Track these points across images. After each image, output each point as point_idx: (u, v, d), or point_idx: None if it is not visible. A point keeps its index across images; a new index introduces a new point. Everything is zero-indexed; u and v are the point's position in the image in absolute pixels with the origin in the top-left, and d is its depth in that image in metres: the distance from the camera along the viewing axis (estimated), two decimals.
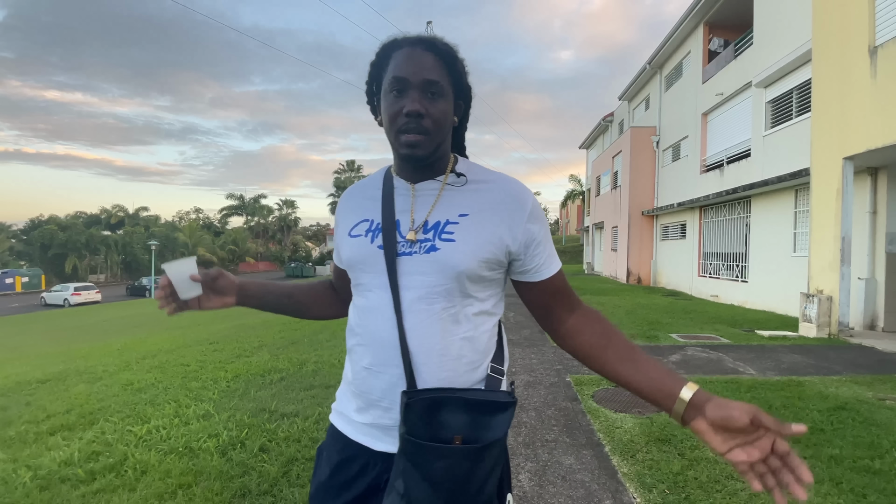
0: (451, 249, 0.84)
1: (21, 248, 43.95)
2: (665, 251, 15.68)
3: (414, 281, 0.85)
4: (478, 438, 0.77)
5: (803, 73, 8.71)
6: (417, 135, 0.84)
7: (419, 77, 0.83)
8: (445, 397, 0.79)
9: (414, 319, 0.84)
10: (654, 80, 17.08)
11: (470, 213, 0.87)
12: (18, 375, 5.34)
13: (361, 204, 0.97)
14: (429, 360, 0.84)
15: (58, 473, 2.54)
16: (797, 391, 3.89)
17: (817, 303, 6.47)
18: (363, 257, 0.90)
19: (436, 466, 0.75)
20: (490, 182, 0.91)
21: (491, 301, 0.91)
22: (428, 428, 0.77)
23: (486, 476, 0.77)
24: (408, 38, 0.87)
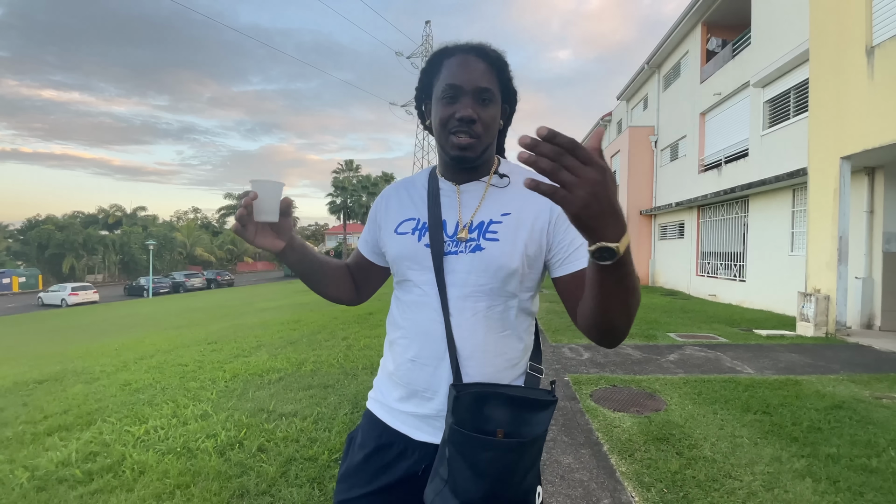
0: (495, 248, 0.88)
1: (18, 247, 43.75)
2: (663, 251, 15.71)
3: (460, 279, 0.89)
4: (519, 433, 0.81)
5: (801, 72, 8.73)
6: (469, 138, 0.88)
7: (472, 84, 0.87)
8: (490, 392, 0.83)
9: (459, 316, 0.89)
10: (652, 79, 17.10)
11: (512, 212, 0.91)
12: (15, 376, 5.33)
13: (407, 202, 1.01)
14: (473, 355, 0.88)
15: (55, 474, 2.53)
16: (794, 390, 3.90)
17: (815, 302, 6.49)
18: (410, 254, 0.94)
19: (481, 457, 0.79)
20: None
21: (531, 300, 0.95)
22: (474, 421, 0.81)
23: (527, 469, 0.82)
24: (460, 46, 0.91)
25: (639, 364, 4.91)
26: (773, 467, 2.57)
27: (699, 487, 2.38)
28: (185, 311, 15.62)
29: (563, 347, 5.74)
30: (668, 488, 2.38)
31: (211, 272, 38.28)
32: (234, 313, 12.65)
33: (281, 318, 9.16)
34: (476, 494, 0.80)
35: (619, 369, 4.70)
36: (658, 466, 2.61)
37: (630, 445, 2.89)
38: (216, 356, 5.51)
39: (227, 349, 5.95)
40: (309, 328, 7.28)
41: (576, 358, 5.21)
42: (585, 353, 5.46)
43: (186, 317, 13.45)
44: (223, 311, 14.29)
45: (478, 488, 0.79)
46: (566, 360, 5.09)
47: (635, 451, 2.81)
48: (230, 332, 7.80)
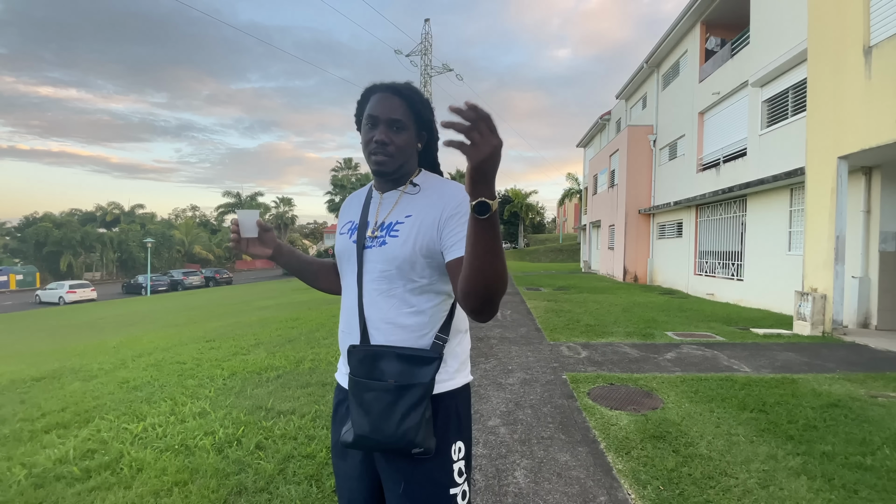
0: (395, 242, 1.10)
1: (15, 245, 43.59)
2: (661, 250, 15.73)
3: (370, 267, 1.13)
4: (406, 382, 1.02)
5: (799, 72, 8.74)
6: (383, 156, 1.12)
7: (386, 115, 1.12)
8: (382, 350, 1.07)
9: (368, 297, 1.12)
10: (651, 78, 17.10)
11: (413, 214, 1.12)
12: (13, 373, 5.32)
13: (350, 208, 1.29)
14: (379, 326, 1.10)
15: (53, 471, 2.53)
16: (791, 388, 3.92)
17: (811, 301, 6.51)
18: (344, 249, 1.20)
19: (365, 397, 1.03)
20: (436, 187, 1.16)
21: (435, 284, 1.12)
22: (367, 372, 1.06)
23: (407, 409, 1.00)
24: (382, 85, 1.15)
25: (636, 362, 4.92)
26: (769, 465, 2.59)
27: (695, 485, 2.40)
28: (183, 309, 15.60)
29: (560, 346, 5.75)
30: (664, 486, 2.40)
31: (209, 270, 38.22)
32: (232, 311, 12.63)
33: (279, 316, 9.15)
34: (364, 427, 1.02)
35: (617, 367, 4.71)
36: (654, 464, 2.62)
37: (627, 443, 2.90)
38: (214, 354, 5.51)
39: (225, 347, 5.94)
40: (307, 326, 7.28)
41: (573, 356, 5.22)
42: (583, 351, 5.47)
43: (184, 315, 13.43)
44: (221, 309, 14.27)
45: (364, 423, 1.02)
46: (564, 359, 5.10)
47: (632, 449, 2.82)
48: (228, 329, 7.80)
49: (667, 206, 14.34)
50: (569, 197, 45.65)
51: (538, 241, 50.59)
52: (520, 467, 2.64)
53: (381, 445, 1.03)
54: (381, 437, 1.01)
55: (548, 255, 37.75)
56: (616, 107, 22.34)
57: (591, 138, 28.28)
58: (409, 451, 1.02)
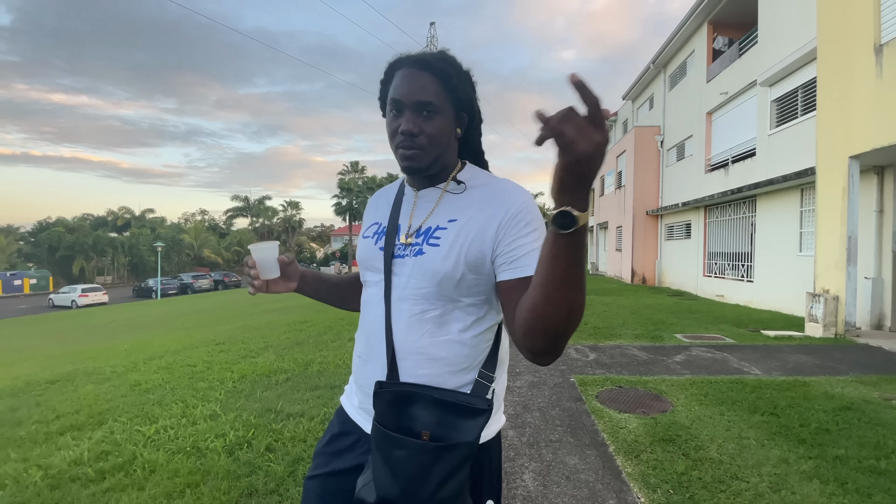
0: (434, 253, 0.89)
1: (29, 249, 44.35)
2: (670, 251, 15.63)
3: (402, 281, 0.92)
4: (445, 437, 0.81)
5: (808, 71, 8.67)
6: (412, 150, 0.90)
7: (412, 98, 0.89)
8: (416, 392, 0.85)
9: (397, 317, 0.91)
10: (657, 79, 17.03)
11: (459, 219, 0.91)
12: (27, 376, 5.40)
13: (378, 208, 1.07)
14: (408, 357, 0.89)
15: (68, 473, 2.57)
16: (803, 391, 3.88)
17: (823, 302, 6.43)
18: (368, 256, 1.00)
19: (394, 454, 0.81)
20: (485, 186, 0.95)
21: (481, 308, 0.91)
22: (397, 418, 0.84)
23: (447, 475, 0.79)
24: (407, 58, 0.92)
25: (645, 365, 4.90)
26: (781, 469, 2.56)
27: (705, 489, 2.38)
28: (192, 313, 15.76)
29: (568, 348, 5.74)
30: (674, 489, 2.38)
31: (218, 273, 38.60)
32: (241, 314, 12.74)
33: (287, 320, 9.21)
34: (392, 491, 0.80)
35: (625, 370, 4.69)
36: (664, 467, 2.61)
37: (636, 446, 2.89)
38: (224, 357, 5.56)
39: (234, 350, 6.00)
40: (315, 329, 7.32)
41: (581, 359, 5.20)
42: (591, 353, 5.45)
43: (194, 318, 13.56)
44: (230, 312, 14.40)
45: (392, 486, 0.80)
46: (572, 361, 5.08)
47: (641, 452, 2.81)
48: (237, 333, 7.86)
49: (675, 207, 14.25)
50: None
51: None
52: (528, 470, 2.64)
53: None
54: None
55: None
56: (623, 108, 22.27)
57: None
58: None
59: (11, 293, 35.42)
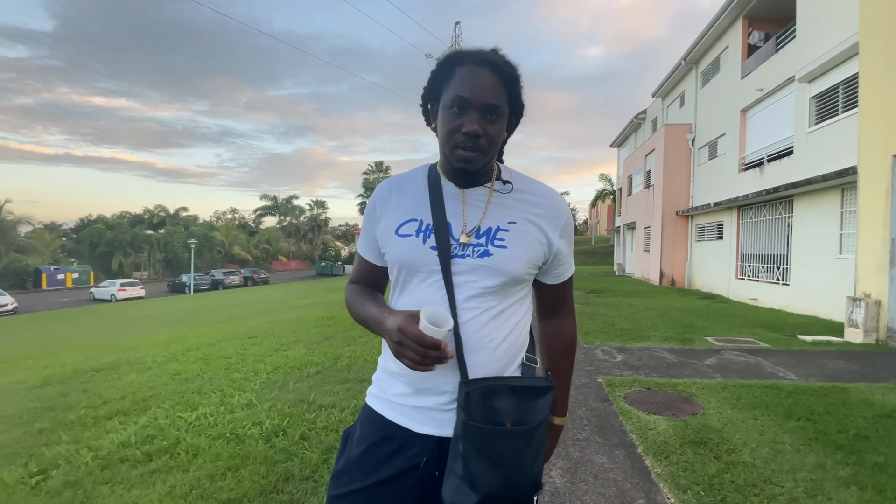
0: (503, 255, 0.93)
1: (71, 246, 46.52)
2: (700, 252, 15.23)
3: (466, 281, 0.92)
4: (526, 420, 0.89)
5: (850, 67, 8.31)
6: (473, 152, 0.89)
7: (481, 100, 0.88)
8: (496, 385, 0.89)
9: (466, 316, 0.92)
10: (689, 76, 16.60)
11: (518, 222, 0.96)
12: (74, 364, 5.71)
13: (405, 202, 1.00)
14: (479, 353, 0.92)
15: (116, 454, 2.73)
16: (841, 397, 3.75)
17: (864, 307, 6.18)
18: (415, 257, 0.94)
19: (496, 448, 0.85)
20: (534, 193, 1.01)
21: (527, 299, 1.02)
22: (484, 414, 0.86)
23: (536, 453, 0.90)
24: (474, 55, 0.91)
25: (674, 367, 4.82)
26: (817, 474, 2.51)
27: (738, 492, 2.35)
28: (224, 308, 16.27)
29: (595, 349, 5.69)
30: (705, 491, 2.36)
31: (247, 270, 39.64)
32: (270, 310, 13.08)
33: (315, 315, 9.42)
34: (495, 484, 0.85)
35: (654, 372, 4.63)
36: (695, 469, 2.58)
37: (665, 448, 2.87)
38: (257, 349, 5.75)
39: (266, 343, 6.19)
40: (343, 325, 7.47)
41: (609, 360, 5.16)
42: (619, 355, 5.40)
43: (226, 312, 14.00)
44: (260, 307, 14.79)
45: (496, 478, 0.85)
46: (599, 362, 5.05)
47: (671, 454, 2.78)
48: (268, 327, 8.10)
49: (706, 208, 13.88)
50: (601, 198, 44.75)
51: None
52: (555, 467, 2.66)
53: (509, 500, 0.88)
54: (513, 492, 0.87)
55: (579, 258, 37.12)
56: (652, 105, 21.80)
57: (625, 138, 27.68)
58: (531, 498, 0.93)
59: (55, 287, 37.26)
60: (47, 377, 4.96)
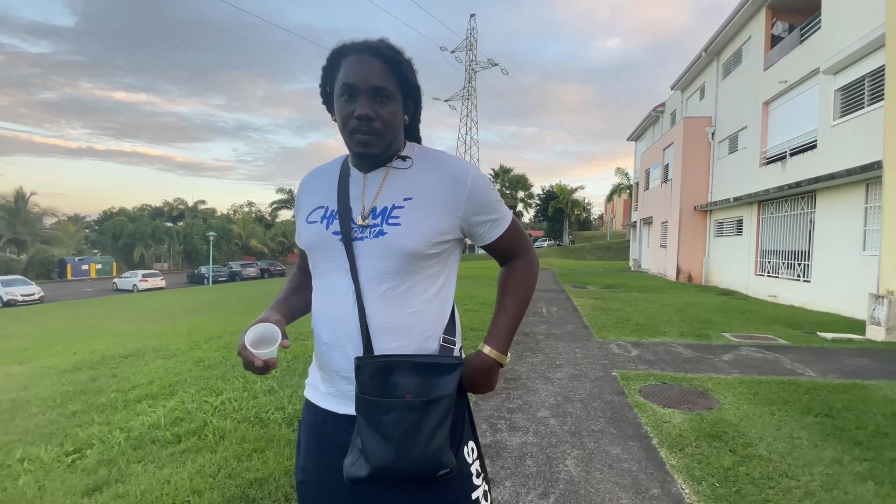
0: (397, 232, 0.93)
1: (94, 237, 47.82)
2: (719, 248, 15.00)
3: (366, 263, 0.94)
4: (427, 396, 0.88)
5: (877, 58, 8.07)
6: (368, 135, 0.92)
7: (367, 84, 0.91)
8: (395, 361, 0.90)
9: (368, 298, 0.93)
10: (710, 67, 16.28)
11: (414, 197, 0.96)
12: (102, 351, 5.92)
13: (317, 190, 1.05)
14: (381, 333, 0.93)
15: (147, 435, 2.85)
16: (861, 394, 3.72)
17: (887, 305, 6.06)
18: (320, 242, 0.99)
19: (385, 419, 0.86)
20: (432, 162, 1.00)
21: (441, 277, 1.00)
22: (380, 388, 0.88)
23: (434, 428, 0.87)
24: (355, 45, 0.94)
25: (690, 362, 4.81)
26: (833, 469, 2.51)
27: (753, 484, 2.37)
28: (243, 298, 16.59)
29: (610, 344, 5.70)
30: (719, 483, 2.39)
31: (264, 262, 40.29)
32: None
33: None
34: (385, 457, 0.85)
35: (670, 367, 4.63)
36: (710, 462, 2.60)
37: (680, 440, 2.89)
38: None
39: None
40: None
41: (623, 354, 5.17)
42: (633, 349, 5.39)
43: (244, 303, 14.29)
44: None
45: (386, 451, 0.85)
46: (613, 357, 5.06)
47: (686, 446, 2.81)
48: None
49: (725, 203, 13.65)
50: (617, 192, 44.25)
51: (584, 239, 49.41)
52: (570, 457, 2.70)
53: (404, 474, 0.86)
54: (406, 465, 0.85)
55: (594, 253, 36.82)
56: (671, 98, 21.43)
57: (643, 131, 27.28)
58: (434, 475, 0.88)
59: (79, 277, 38.38)
60: (77, 363, 5.16)
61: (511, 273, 1.08)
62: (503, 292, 1.06)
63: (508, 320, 1.03)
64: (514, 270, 1.07)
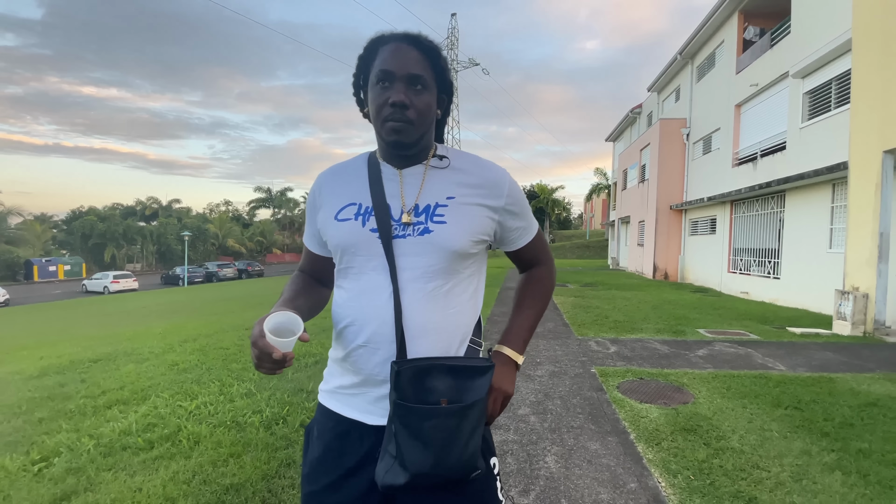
0: (444, 231, 0.92)
1: (63, 237, 46.10)
2: (693, 246, 15.38)
3: (409, 262, 0.92)
4: (461, 399, 0.87)
5: (843, 63, 8.40)
6: (402, 122, 0.90)
7: (404, 70, 0.89)
8: (432, 365, 0.87)
9: (411, 298, 0.91)
10: (685, 70, 16.66)
11: (456, 196, 0.95)
12: (71, 355, 5.71)
13: (344, 187, 1.00)
14: (425, 334, 0.91)
15: (118, 442, 2.77)
16: (828, 387, 3.85)
17: (852, 300, 6.31)
18: (356, 241, 0.94)
19: (425, 426, 0.84)
20: (469, 164, 1.00)
21: (476, 277, 1.01)
22: (416, 393, 0.85)
23: (470, 432, 0.86)
24: (394, 35, 0.93)
25: (666, 358, 4.91)
26: (803, 460, 2.59)
27: (726, 476, 2.43)
28: (220, 300, 16.23)
29: (589, 341, 5.77)
30: (694, 476, 2.44)
31: (242, 263, 39.45)
32: (267, 302, 13.07)
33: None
34: (425, 464, 0.83)
35: (647, 363, 4.71)
36: (685, 455, 2.66)
37: (657, 435, 2.95)
38: None
39: None
40: None
41: (602, 351, 5.24)
42: (612, 346, 5.48)
43: (222, 305, 13.98)
44: (256, 300, 14.79)
45: (425, 457, 0.83)
46: (592, 353, 5.13)
47: (662, 441, 2.86)
48: None
49: (700, 202, 14.00)
50: (597, 192, 44.91)
51: (564, 238, 50.04)
52: (550, 453, 2.72)
53: (441, 479, 0.86)
54: (443, 471, 0.84)
55: (574, 252, 37.31)
56: (648, 100, 21.85)
57: (621, 132, 27.75)
58: (467, 477, 0.88)
59: (47, 279, 36.96)
60: (44, 367, 4.97)
61: (532, 280, 1.11)
62: (522, 296, 1.10)
63: (526, 324, 1.06)
64: (535, 278, 1.11)
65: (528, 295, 1.09)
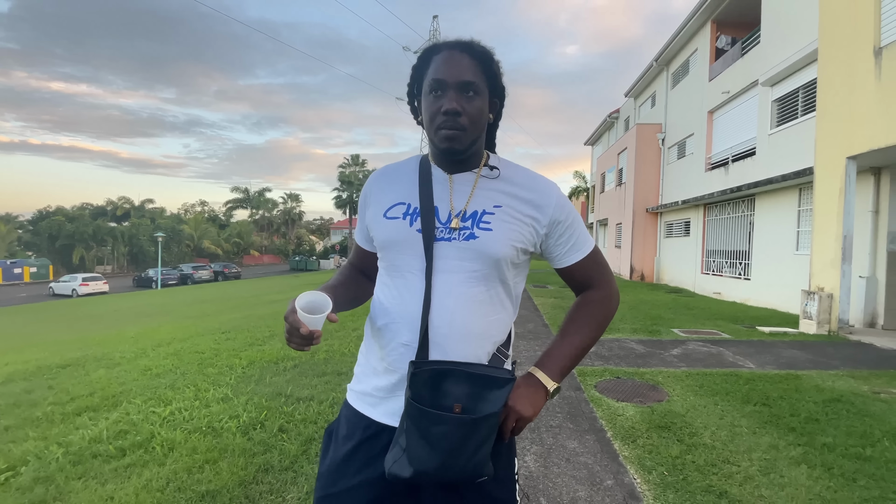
0: (489, 238, 0.93)
1: (28, 238, 44.36)
2: (669, 248, 15.75)
3: (452, 265, 0.93)
4: (475, 409, 0.86)
5: (810, 72, 8.74)
6: (455, 130, 0.91)
7: (456, 78, 0.91)
8: (450, 369, 0.87)
9: (451, 302, 0.92)
10: (660, 76, 17.08)
11: (503, 205, 0.96)
12: (38, 361, 5.51)
13: (395, 187, 1.03)
14: (448, 337, 0.91)
15: (88, 449, 2.68)
16: (794, 384, 4.00)
17: (818, 300, 6.56)
18: (402, 239, 0.96)
19: (433, 431, 0.84)
20: (520, 176, 1.02)
21: (516, 289, 1.01)
22: (432, 395, 0.86)
23: (479, 444, 0.86)
24: (447, 43, 0.95)
25: (642, 358, 5.02)
26: (770, 454, 2.69)
27: (698, 471, 2.50)
28: (195, 303, 15.86)
29: None
30: (668, 471, 2.51)
31: (218, 265, 38.65)
32: (244, 305, 12.85)
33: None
34: (429, 465, 0.84)
35: (623, 362, 4.81)
36: (659, 452, 2.73)
37: (633, 432, 3.01)
38: (231, 344, 5.67)
39: (240, 338, 6.11)
40: None
41: None
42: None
43: (197, 308, 13.67)
44: (233, 302, 14.50)
45: (431, 459, 0.84)
46: None
47: (638, 438, 2.93)
48: (242, 322, 7.97)
49: (675, 205, 14.36)
50: (576, 195, 45.48)
51: None
52: (530, 452, 2.76)
53: (444, 480, 0.87)
54: (448, 474, 0.86)
55: None
56: (625, 105, 22.30)
57: (599, 136, 28.24)
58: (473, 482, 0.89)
59: (11, 281, 35.46)
60: (10, 374, 4.78)
61: (583, 304, 1.05)
62: (570, 320, 1.04)
63: (567, 350, 1.00)
64: (588, 302, 1.05)
65: (575, 319, 1.03)
